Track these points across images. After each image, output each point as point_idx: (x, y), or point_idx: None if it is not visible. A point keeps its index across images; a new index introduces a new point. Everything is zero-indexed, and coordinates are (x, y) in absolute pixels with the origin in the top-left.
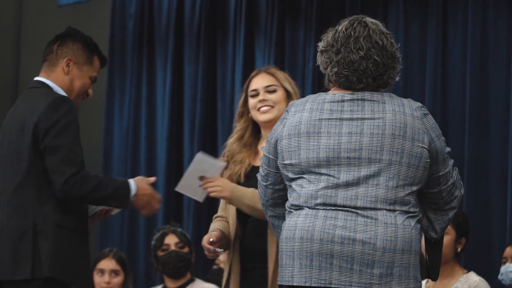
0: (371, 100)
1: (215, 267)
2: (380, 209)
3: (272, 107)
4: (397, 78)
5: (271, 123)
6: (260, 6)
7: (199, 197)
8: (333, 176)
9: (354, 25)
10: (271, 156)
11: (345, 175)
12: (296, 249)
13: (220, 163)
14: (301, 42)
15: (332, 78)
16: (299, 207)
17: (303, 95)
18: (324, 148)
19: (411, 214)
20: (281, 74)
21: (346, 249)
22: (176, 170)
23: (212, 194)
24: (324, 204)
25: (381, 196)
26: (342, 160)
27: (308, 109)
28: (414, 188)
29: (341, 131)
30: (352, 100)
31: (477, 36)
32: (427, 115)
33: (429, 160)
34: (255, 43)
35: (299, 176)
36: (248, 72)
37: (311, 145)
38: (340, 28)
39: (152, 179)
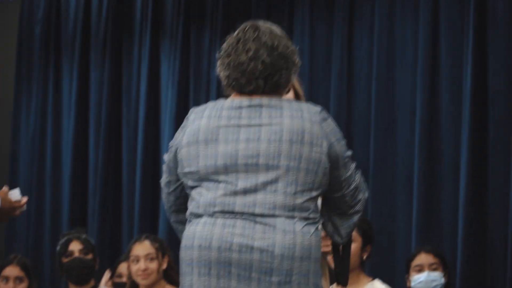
0: (268, 106)
1: (117, 280)
2: (278, 216)
3: None
4: (293, 78)
5: None
6: (166, 10)
7: None
8: (231, 183)
9: (246, 29)
10: (171, 165)
11: (243, 182)
12: (195, 258)
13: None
14: (207, 46)
15: (225, 82)
16: (198, 215)
17: (207, 99)
18: (222, 155)
19: (310, 221)
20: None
21: (244, 257)
22: (81, 175)
23: None
24: (223, 212)
25: (279, 202)
26: (239, 167)
27: (207, 116)
28: (314, 193)
29: (239, 137)
30: (250, 106)
31: (383, 39)
32: (326, 119)
33: (328, 165)
34: (161, 48)
35: (198, 184)
36: (153, 77)
37: (209, 152)
38: (233, 33)
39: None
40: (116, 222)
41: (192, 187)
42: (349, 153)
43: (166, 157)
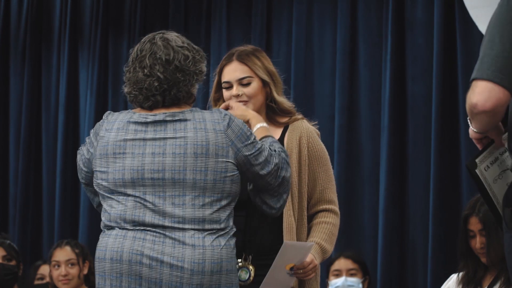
0: (173, 119)
1: (38, 282)
2: (188, 229)
3: (247, 101)
4: (196, 87)
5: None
6: (84, 18)
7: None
8: (140, 197)
9: (145, 43)
10: (85, 169)
11: (151, 196)
12: (107, 270)
13: (308, 244)
14: (125, 54)
15: (128, 98)
16: (110, 227)
17: (126, 107)
18: (129, 169)
19: (222, 232)
20: (256, 61)
21: (154, 271)
22: (1, 182)
23: (305, 278)
24: (133, 225)
25: (188, 216)
26: (146, 181)
27: (115, 129)
28: (224, 202)
29: (145, 151)
30: (154, 121)
31: (301, 45)
32: (230, 125)
33: (237, 171)
34: (79, 56)
35: (109, 196)
36: (72, 84)
37: (117, 166)
38: (135, 47)
39: None
40: (37, 228)
41: (104, 199)
42: (257, 146)
43: (80, 161)
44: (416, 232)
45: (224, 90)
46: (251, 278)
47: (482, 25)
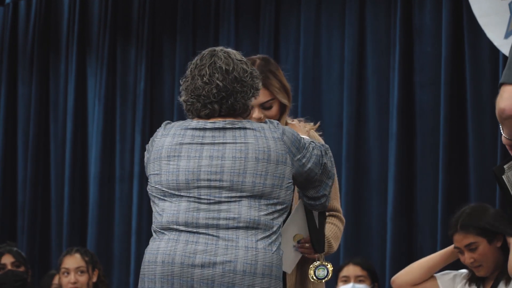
0: (232, 127)
1: None
2: (242, 231)
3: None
4: (252, 102)
5: None
6: (92, 26)
7: (289, 266)
8: (194, 199)
9: (204, 54)
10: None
11: (206, 197)
12: (158, 273)
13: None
14: (133, 62)
15: (184, 107)
16: (162, 231)
17: (134, 114)
18: (184, 171)
19: (274, 238)
20: (275, 83)
21: (207, 273)
22: (10, 191)
23: (308, 255)
24: (186, 226)
25: (243, 218)
26: (202, 183)
27: (172, 134)
28: (279, 208)
29: (202, 154)
30: (213, 128)
31: (309, 53)
32: (285, 131)
33: (291, 180)
34: (87, 64)
35: (162, 199)
36: (80, 92)
37: (171, 168)
38: (194, 59)
39: None
40: (45, 236)
41: (157, 202)
42: (309, 148)
43: (145, 160)
44: (425, 240)
45: None
46: (329, 276)
47: (491, 33)
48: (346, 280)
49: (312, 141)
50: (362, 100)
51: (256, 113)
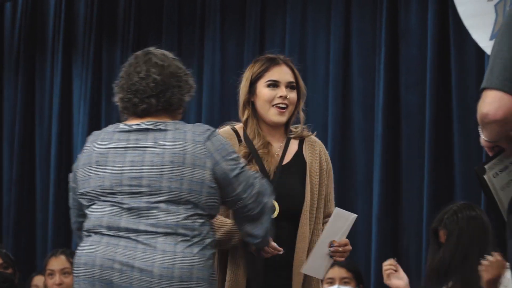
0: (154, 129)
1: None
2: (160, 235)
3: (287, 106)
4: (187, 99)
5: (279, 125)
6: (78, 27)
7: (321, 272)
8: (117, 204)
9: (138, 54)
10: (73, 185)
11: (128, 202)
12: (81, 275)
13: (353, 215)
14: (118, 63)
15: (120, 105)
16: (88, 234)
17: (119, 116)
18: (109, 177)
19: (195, 240)
20: (297, 72)
21: (125, 276)
22: None
23: (340, 259)
24: (108, 231)
25: (162, 224)
26: (124, 188)
27: (101, 139)
28: (199, 211)
29: (125, 159)
30: (138, 130)
31: (294, 54)
32: (211, 137)
33: (215, 184)
34: (73, 65)
35: (91, 203)
36: (66, 93)
37: (99, 173)
38: (128, 60)
39: None
40: (31, 238)
41: (86, 207)
42: (240, 165)
43: (70, 178)
44: (410, 241)
45: (266, 90)
46: None
47: (476, 34)
48: (331, 282)
49: (257, 177)
50: (347, 101)
51: (283, 91)
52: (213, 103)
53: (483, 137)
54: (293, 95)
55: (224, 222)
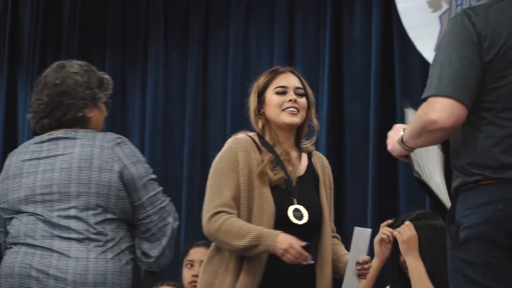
0: (65, 137)
1: None
2: (74, 243)
3: (298, 111)
4: (89, 114)
5: (294, 127)
6: (23, 39)
7: None
8: (32, 213)
9: (45, 71)
10: None
11: (41, 212)
12: (2, 286)
13: (368, 229)
14: None
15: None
16: (9, 246)
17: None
18: (24, 188)
19: (109, 246)
20: (304, 80)
21: (42, 284)
22: None
23: (364, 276)
24: (26, 241)
25: (73, 230)
26: (37, 197)
27: (17, 152)
28: (109, 216)
29: (38, 169)
30: (49, 140)
31: (238, 66)
32: (121, 144)
33: (123, 188)
34: (18, 77)
35: (11, 217)
36: (11, 106)
37: (15, 186)
38: None
39: None
40: None
41: (6, 220)
42: (151, 176)
43: None
44: None
45: (275, 96)
46: None
47: (421, 46)
48: None
49: (167, 205)
50: None
51: (291, 95)
52: (157, 114)
53: (403, 146)
54: (302, 100)
55: (250, 228)
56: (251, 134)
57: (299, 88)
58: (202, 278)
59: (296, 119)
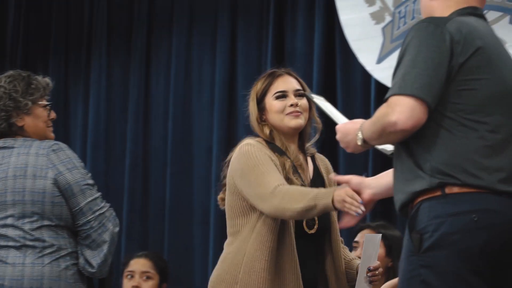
0: (3, 147)
1: None
2: (12, 250)
3: (301, 113)
4: (8, 124)
5: (299, 130)
6: None
7: None
8: None
9: None
10: None
11: None
12: None
13: (378, 235)
14: None
15: None
16: None
17: None
18: None
19: (47, 251)
20: (303, 81)
21: None
22: None
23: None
24: None
25: (11, 237)
26: None
27: None
28: (46, 223)
29: None
30: None
31: (180, 78)
32: (57, 151)
33: (58, 194)
34: None
35: None
36: None
37: None
38: None
39: None
40: None
41: None
42: (88, 181)
43: None
44: None
45: (275, 102)
46: None
47: (363, 58)
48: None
49: (107, 210)
50: (232, 124)
51: (293, 99)
52: (99, 125)
53: (359, 143)
54: (303, 101)
55: (307, 190)
56: (258, 139)
57: (298, 90)
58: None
59: (301, 121)
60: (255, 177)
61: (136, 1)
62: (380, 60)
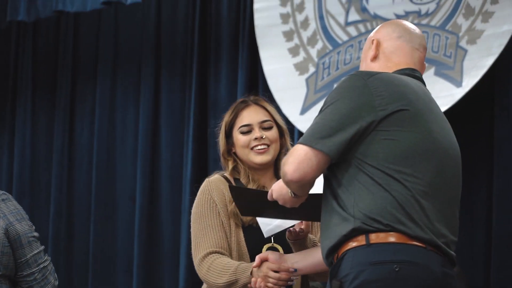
0: None
1: None
2: None
3: (269, 146)
4: None
5: (267, 165)
6: None
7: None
8: None
9: None
10: None
11: None
12: None
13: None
14: None
15: None
16: None
17: None
18: None
19: None
20: (272, 108)
21: None
22: None
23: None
24: None
25: None
26: None
27: None
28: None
29: None
30: None
31: (104, 127)
32: (6, 201)
33: (8, 244)
34: None
35: None
36: None
37: None
38: None
39: None
40: None
41: None
42: (34, 234)
43: None
44: None
45: (240, 136)
46: None
47: (286, 108)
48: None
49: (49, 264)
50: (155, 173)
51: (257, 133)
52: (24, 173)
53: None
54: (270, 133)
55: (230, 263)
56: (226, 174)
57: (264, 121)
58: None
59: (266, 157)
60: (196, 231)
61: (61, 51)
62: (303, 111)
